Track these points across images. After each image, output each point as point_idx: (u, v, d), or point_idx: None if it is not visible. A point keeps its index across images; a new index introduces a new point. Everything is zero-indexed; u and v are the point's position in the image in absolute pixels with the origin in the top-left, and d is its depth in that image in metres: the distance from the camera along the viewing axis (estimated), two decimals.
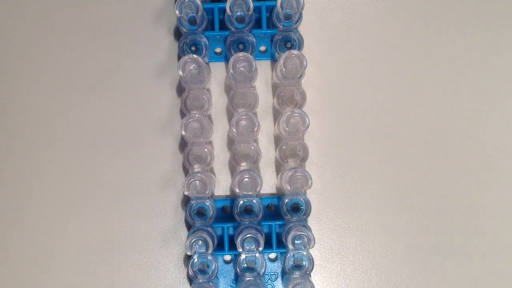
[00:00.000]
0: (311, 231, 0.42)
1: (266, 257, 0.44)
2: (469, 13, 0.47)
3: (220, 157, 0.46)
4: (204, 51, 0.44)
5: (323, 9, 0.47)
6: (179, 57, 0.45)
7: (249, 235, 0.42)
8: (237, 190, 0.42)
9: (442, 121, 0.46)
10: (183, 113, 0.43)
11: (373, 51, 0.47)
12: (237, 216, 0.43)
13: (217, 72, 0.46)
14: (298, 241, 0.42)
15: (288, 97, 0.43)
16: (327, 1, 0.48)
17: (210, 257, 0.42)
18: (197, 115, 0.43)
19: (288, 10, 0.43)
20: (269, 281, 0.44)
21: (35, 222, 0.45)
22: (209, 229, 0.43)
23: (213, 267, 0.42)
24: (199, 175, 0.42)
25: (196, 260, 0.42)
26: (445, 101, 0.46)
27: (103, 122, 0.46)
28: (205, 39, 0.44)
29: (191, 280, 0.43)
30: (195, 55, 0.42)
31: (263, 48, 0.47)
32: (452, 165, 0.46)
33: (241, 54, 0.43)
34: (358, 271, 0.45)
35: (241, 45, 0.44)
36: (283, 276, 0.44)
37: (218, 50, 0.46)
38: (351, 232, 0.46)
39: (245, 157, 0.43)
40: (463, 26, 0.47)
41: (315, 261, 0.44)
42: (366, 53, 0.47)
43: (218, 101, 0.46)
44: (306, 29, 0.46)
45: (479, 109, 0.46)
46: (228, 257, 0.45)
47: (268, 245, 0.43)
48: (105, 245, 0.45)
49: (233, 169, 0.46)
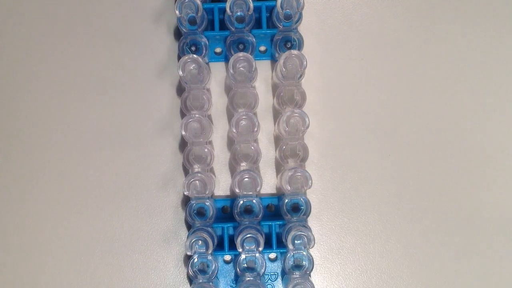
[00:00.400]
0: (311, 231, 0.42)
1: (266, 257, 0.44)
2: (469, 13, 0.47)
3: (220, 157, 0.46)
4: (204, 51, 0.44)
5: (323, 9, 0.47)
6: (179, 57, 0.45)
7: (249, 235, 0.42)
8: (237, 190, 0.42)
9: (442, 121, 0.46)
10: (183, 113, 0.43)
11: (373, 51, 0.47)
12: (237, 216, 0.43)
13: (217, 72, 0.46)
14: (298, 241, 0.42)
15: (288, 97, 0.43)
16: (327, 1, 0.48)
17: (210, 257, 0.42)
18: (197, 115, 0.43)
19: (288, 10, 0.43)
20: (269, 281, 0.44)
21: (35, 222, 0.45)
22: (209, 229, 0.43)
23: (213, 267, 0.42)
24: (199, 175, 0.42)
25: (196, 260, 0.42)
26: (445, 101, 0.46)
27: (103, 122, 0.46)
28: (205, 39, 0.44)
29: (191, 280, 0.43)
30: (195, 55, 0.42)
31: (263, 48, 0.47)
32: (452, 165, 0.46)
33: (241, 54, 0.43)
34: (358, 271, 0.45)
35: (241, 45, 0.44)
36: (283, 276, 0.44)
37: (218, 50, 0.46)
38: (351, 232, 0.46)
39: (245, 157, 0.43)
40: (463, 26, 0.47)
41: (315, 261, 0.44)
42: (366, 53, 0.47)
43: (218, 101, 0.46)
44: (306, 29, 0.46)
45: (479, 109, 0.46)
46: (228, 257, 0.45)
47: (268, 245, 0.43)
48: (105, 245, 0.45)
49: (233, 169, 0.46)
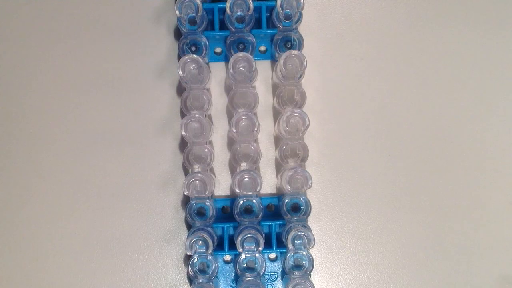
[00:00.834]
0: (311, 231, 0.42)
1: (266, 257, 0.44)
2: (469, 13, 0.47)
3: (220, 157, 0.46)
4: (204, 51, 0.44)
5: (323, 9, 0.47)
6: (179, 57, 0.45)
7: (249, 235, 0.42)
8: (237, 190, 0.42)
9: (442, 121, 0.46)
10: (183, 113, 0.43)
11: (373, 51, 0.47)
12: (237, 216, 0.43)
13: (217, 72, 0.46)
14: (298, 241, 0.42)
15: (288, 97, 0.43)
16: (327, 1, 0.48)
17: (210, 257, 0.42)
18: (197, 115, 0.43)
19: (288, 10, 0.43)
20: (269, 281, 0.44)
21: (35, 221, 0.45)
22: (209, 229, 0.43)
23: (213, 267, 0.42)
24: (199, 175, 0.42)
25: (196, 260, 0.42)
26: (445, 100, 0.46)
27: (103, 122, 0.46)
28: (205, 39, 0.44)
29: (191, 280, 0.43)
30: (195, 55, 0.42)
31: (263, 48, 0.47)
32: (452, 165, 0.46)
33: (241, 54, 0.43)
34: (358, 271, 0.45)
35: (241, 45, 0.44)
36: (283, 276, 0.44)
37: (218, 50, 0.46)
38: (351, 232, 0.46)
39: (245, 157, 0.43)
40: (463, 26, 0.47)
41: (315, 261, 0.44)
42: (366, 53, 0.47)
43: (218, 101, 0.46)
44: (306, 29, 0.46)
45: (479, 109, 0.46)
46: (228, 257, 0.45)
47: (268, 245, 0.43)
48: (105, 245, 0.45)
49: (233, 169, 0.46)
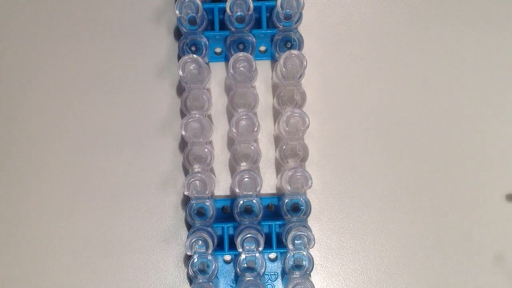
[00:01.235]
0: (311, 231, 0.42)
1: (266, 257, 0.44)
2: (469, 13, 0.47)
3: (220, 157, 0.46)
4: (204, 51, 0.44)
5: (323, 9, 0.47)
6: (179, 57, 0.45)
7: (249, 235, 0.42)
8: (237, 190, 0.42)
9: (442, 121, 0.46)
10: (183, 113, 0.43)
11: (373, 51, 0.47)
12: (237, 216, 0.43)
13: (217, 72, 0.46)
14: (298, 241, 0.42)
15: (288, 97, 0.43)
16: (327, 1, 0.48)
17: (210, 257, 0.42)
18: (197, 115, 0.43)
19: (288, 10, 0.43)
20: (269, 281, 0.44)
21: (35, 221, 0.45)
22: (209, 229, 0.43)
23: (213, 267, 0.42)
24: (199, 175, 0.42)
25: (196, 260, 0.42)
26: (445, 100, 0.46)
27: (103, 122, 0.46)
28: (205, 39, 0.44)
29: (191, 280, 0.43)
30: (195, 55, 0.42)
31: (263, 48, 0.47)
32: (452, 165, 0.46)
33: (241, 54, 0.43)
34: (358, 271, 0.45)
35: (241, 45, 0.44)
36: (283, 276, 0.44)
37: (218, 50, 0.46)
38: (351, 232, 0.46)
39: (245, 157, 0.43)
40: (463, 26, 0.47)
41: (315, 261, 0.44)
42: (366, 53, 0.47)
43: (218, 101, 0.46)
44: (306, 29, 0.46)
45: (479, 109, 0.46)
46: (228, 257, 0.45)
47: (268, 245, 0.43)
48: (105, 245, 0.45)
49: (233, 169, 0.46)
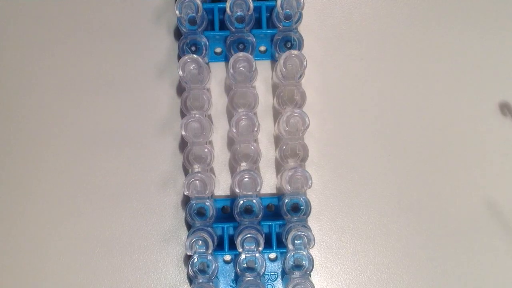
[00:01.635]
0: (311, 231, 0.42)
1: (266, 257, 0.44)
2: (469, 13, 0.47)
3: (220, 157, 0.46)
4: (204, 51, 0.44)
5: (323, 9, 0.47)
6: (179, 57, 0.45)
7: (249, 235, 0.42)
8: (237, 190, 0.42)
9: (442, 121, 0.46)
10: (183, 113, 0.43)
11: (373, 51, 0.47)
12: (237, 216, 0.43)
13: (217, 72, 0.46)
14: (298, 241, 0.42)
15: (288, 97, 0.43)
16: (327, 1, 0.48)
17: (210, 257, 0.42)
18: (197, 115, 0.43)
19: (288, 10, 0.43)
20: (269, 281, 0.44)
21: (35, 222, 0.45)
22: (209, 229, 0.43)
23: (213, 267, 0.42)
24: (199, 175, 0.42)
25: (196, 260, 0.42)
26: (445, 101, 0.46)
27: (103, 122, 0.46)
28: (205, 39, 0.44)
29: (191, 280, 0.43)
30: (195, 55, 0.42)
31: (263, 48, 0.47)
32: (452, 165, 0.46)
33: (241, 54, 0.43)
34: (358, 271, 0.45)
35: (241, 45, 0.44)
36: (283, 276, 0.44)
37: (218, 50, 0.46)
38: (351, 232, 0.46)
39: (245, 157, 0.43)
40: (463, 26, 0.47)
41: (315, 261, 0.44)
42: (366, 53, 0.47)
43: (218, 101, 0.46)
44: (306, 29, 0.46)
45: (479, 109, 0.46)
46: (228, 257, 0.45)
47: (268, 245, 0.43)
48: (105, 245, 0.45)
49: (233, 169, 0.46)
